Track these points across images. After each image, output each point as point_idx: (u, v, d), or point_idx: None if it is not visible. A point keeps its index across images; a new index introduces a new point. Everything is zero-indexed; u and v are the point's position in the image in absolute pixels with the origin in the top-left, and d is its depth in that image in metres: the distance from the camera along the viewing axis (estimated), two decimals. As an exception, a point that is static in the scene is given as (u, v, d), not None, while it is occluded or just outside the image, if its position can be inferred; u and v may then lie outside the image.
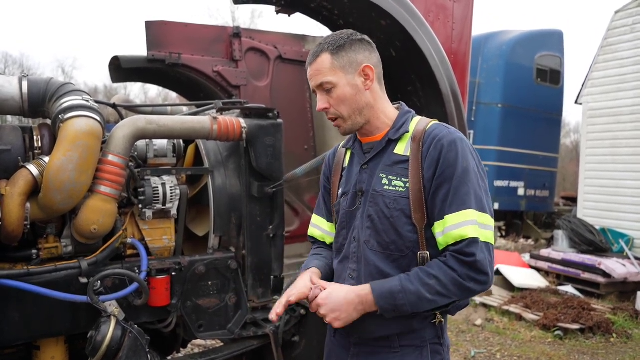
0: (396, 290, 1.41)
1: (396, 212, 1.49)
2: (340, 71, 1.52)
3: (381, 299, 1.43)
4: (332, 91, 1.53)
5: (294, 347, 2.78)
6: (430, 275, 1.41)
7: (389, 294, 1.42)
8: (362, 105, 1.55)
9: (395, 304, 1.42)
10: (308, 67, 1.58)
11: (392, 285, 1.43)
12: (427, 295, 1.40)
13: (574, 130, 31.52)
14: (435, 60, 2.85)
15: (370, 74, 1.55)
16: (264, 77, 3.85)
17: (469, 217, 1.41)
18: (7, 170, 1.98)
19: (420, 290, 1.40)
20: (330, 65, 1.52)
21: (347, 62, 1.52)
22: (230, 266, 2.51)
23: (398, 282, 1.43)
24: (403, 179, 1.50)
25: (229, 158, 2.64)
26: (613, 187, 8.83)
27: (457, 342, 5.25)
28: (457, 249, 1.40)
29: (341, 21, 3.17)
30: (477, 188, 1.45)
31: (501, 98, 10.91)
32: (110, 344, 1.97)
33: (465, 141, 1.51)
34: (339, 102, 1.53)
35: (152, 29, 3.44)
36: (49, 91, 2.10)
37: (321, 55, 1.53)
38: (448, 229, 1.42)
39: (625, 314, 6.04)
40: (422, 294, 1.40)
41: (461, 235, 1.40)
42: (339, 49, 1.52)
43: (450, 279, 1.40)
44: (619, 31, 8.99)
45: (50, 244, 2.14)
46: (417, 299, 1.41)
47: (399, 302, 1.41)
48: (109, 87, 25.07)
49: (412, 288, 1.41)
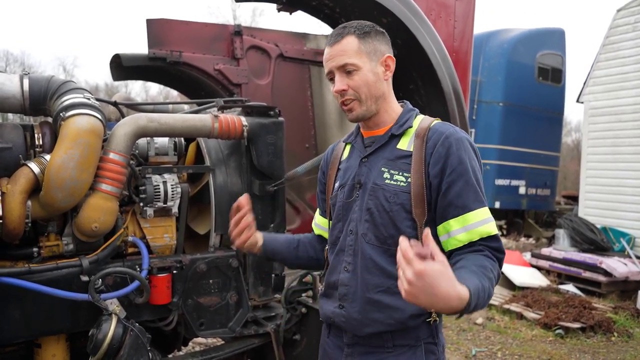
0: (479, 289, 1.23)
1: (396, 207, 1.49)
2: (366, 56, 1.52)
3: (474, 299, 1.18)
4: (354, 74, 1.51)
5: (295, 345, 2.77)
6: (488, 269, 1.34)
7: (476, 294, 1.19)
8: (379, 94, 1.55)
9: (477, 303, 1.21)
10: (329, 47, 1.55)
11: (476, 284, 1.22)
12: (491, 291, 1.31)
13: (575, 129, 31.54)
14: (437, 59, 2.84)
15: (391, 65, 1.57)
16: (265, 75, 3.84)
17: (488, 214, 1.44)
18: (8, 168, 1.97)
19: (489, 287, 1.29)
20: (357, 48, 1.51)
21: (372, 49, 1.53)
22: (232, 264, 2.50)
23: (477, 280, 1.25)
24: (405, 173, 1.50)
25: (230, 156, 2.63)
26: (614, 185, 8.81)
27: (458, 341, 5.25)
28: (494, 246, 1.42)
29: (342, 19, 3.17)
30: (482, 187, 1.49)
31: (502, 96, 10.90)
32: (112, 342, 1.97)
33: (471, 140, 1.52)
34: (359, 85, 1.52)
35: (153, 27, 3.44)
36: (50, 89, 2.09)
37: (347, 37, 1.52)
38: (473, 226, 1.42)
39: (627, 313, 6.04)
40: (489, 290, 1.29)
41: (488, 232, 1.42)
42: (365, 35, 1.53)
43: (496, 273, 1.38)
44: (621, 29, 8.97)
45: (52, 242, 2.14)
46: (487, 297, 1.27)
47: (480, 301, 1.22)
48: (110, 85, 25.09)
49: (486, 285, 1.27)
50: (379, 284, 1.51)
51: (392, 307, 1.48)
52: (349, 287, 1.56)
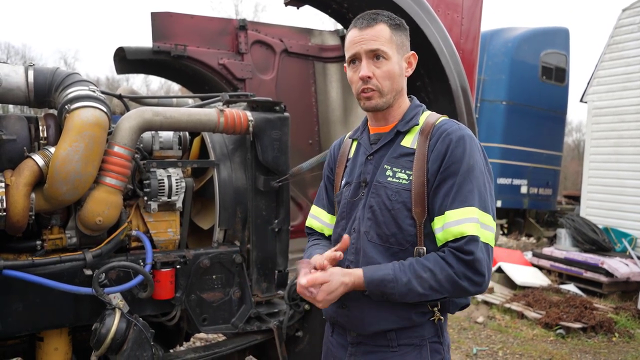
0: (388, 279, 1.40)
1: (398, 205, 1.47)
2: (396, 48, 1.51)
3: (370, 284, 1.42)
4: (382, 62, 1.49)
5: (298, 342, 2.76)
6: (426, 268, 1.39)
7: (379, 281, 1.41)
8: (399, 88, 1.55)
9: (384, 291, 1.41)
10: (359, 30, 1.51)
11: (384, 273, 1.41)
12: (418, 289, 1.39)
13: (576, 129, 31.45)
14: (445, 56, 2.82)
15: (413, 62, 1.57)
16: (269, 70, 3.82)
17: (471, 215, 1.38)
18: (13, 160, 1.96)
19: (412, 283, 1.39)
20: (389, 37, 1.50)
21: (401, 42, 1.53)
22: (235, 260, 2.49)
23: (391, 270, 1.41)
24: (407, 171, 1.49)
25: (235, 151, 2.62)
26: (617, 186, 8.79)
27: (459, 340, 5.25)
28: (456, 246, 1.38)
29: (350, 14, 3.14)
30: (481, 187, 1.43)
31: (506, 95, 10.85)
32: (115, 337, 1.96)
33: (475, 139, 1.49)
34: (385, 75, 1.50)
35: (157, 20, 3.42)
36: (55, 81, 2.08)
37: (380, 24, 1.50)
38: (448, 225, 1.40)
39: (628, 313, 6.03)
40: (413, 287, 1.39)
41: (461, 232, 1.38)
42: (397, 27, 1.53)
43: (445, 275, 1.38)
44: (626, 29, 8.92)
45: (55, 235, 2.13)
46: (407, 291, 1.40)
47: (388, 290, 1.41)
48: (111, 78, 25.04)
49: (404, 279, 1.39)
50: None
51: (395, 304, 1.46)
52: None
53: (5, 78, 2.00)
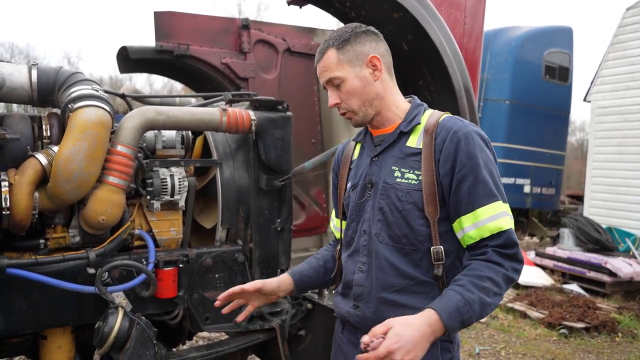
0: (461, 305, 1.31)
1: (408, 205, 1.47)
2: (347, 65, 1.52)
3: (450, 319, 1.30)
4: (341, 85, 1.53)
5: (300, 341, 2.77)
6: (484, 278, 1.36)
7: (456, 312, 1.31)
8: (372, 97, 1.54)
9: (463, 319, 1.32)
10: (316, 65, 1.58)
11: (454, 301, 1.32)
12: (487, 300, 1.34)
13: (579, 128, 31.38)
14: (448, 55, 2.81)
15: (377, 64, 1.54)
16: (272, 69, 3.82)
17: (501, 209, 1.42)
18: (16, 159, 1.97)
19: (482, 297, 1.34)
20: (336, 60, 1.52)
21: (353, 55, 1.52)
22: (238, 259, 2.49)
23: (458, 295, 1.33)
24: (416, 171, 1.49)
25: (238, 150, 2.62)
26: (620, 185, 8.77)
27: (462, 339, 5.24)
28: (499, 243, 1.40)
29: (353, 13, 3.13)
30: (496, 179, 1.46)
31: (509, 94, 10.83)
32: (118, 335, 1.96)
33: (481, 132, 1.50)
34: (348, 95, 1.53)
35: (160, 19, 3.42)
36: (59, 80, 2.08)
37: (327, 52, 1.54)
38: (483, 222, 1.41)
39: (631, 313, 6.02)
40: (484, 300, 1.34)
41: (498, 228, 1.40)
42: (344, 43, 1.52)
43: (502, 275, 1.38)
44: (630, 28, 8.90)
45: (58, 233, 2.13)
46: (480, 307, 1.33)
47: (466, 315, 1.32)
48: (114, 78, 25.10)
49: (474, 297, 1.33)
50: (394, 284, 1.49)
51: (407, 306, 1.46)
52: (364, 287, 1.55)
53: (9, 77, 2.00)
